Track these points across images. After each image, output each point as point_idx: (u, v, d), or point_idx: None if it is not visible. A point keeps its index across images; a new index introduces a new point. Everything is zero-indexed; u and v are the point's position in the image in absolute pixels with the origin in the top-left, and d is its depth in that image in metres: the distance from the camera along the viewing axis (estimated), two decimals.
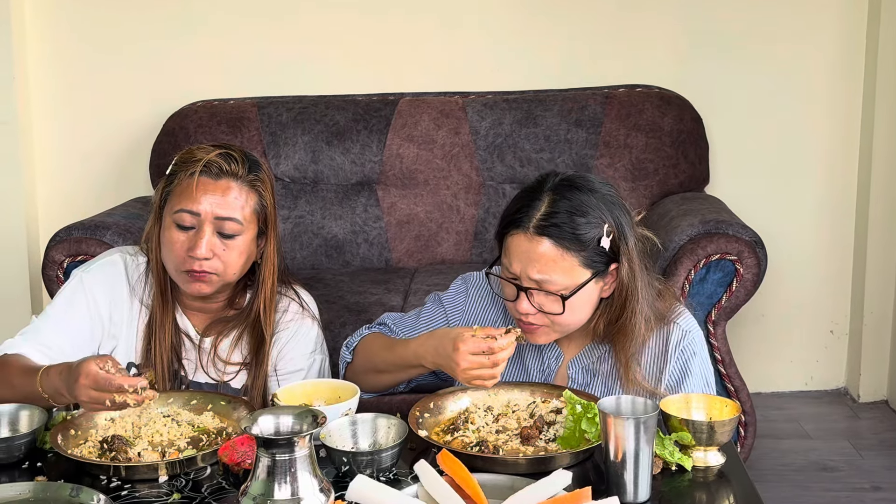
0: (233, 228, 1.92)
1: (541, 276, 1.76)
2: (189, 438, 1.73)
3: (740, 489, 1.58)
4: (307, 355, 2.06)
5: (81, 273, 2.04)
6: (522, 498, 1.45)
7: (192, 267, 1.91)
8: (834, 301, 3.69)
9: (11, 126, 3.49)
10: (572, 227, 1.75)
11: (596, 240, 1.76)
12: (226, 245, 1.93)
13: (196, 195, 1.91)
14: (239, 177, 1.94)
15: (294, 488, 1.39)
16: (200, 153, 1.94)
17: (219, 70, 3.58)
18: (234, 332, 2.03)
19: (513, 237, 1.80)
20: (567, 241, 1.75)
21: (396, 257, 3.38)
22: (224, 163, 1.93)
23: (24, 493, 1.54)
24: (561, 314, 1.78)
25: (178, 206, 1.92)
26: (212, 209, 1.91)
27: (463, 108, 3.42)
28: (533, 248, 1.76)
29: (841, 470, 3.10)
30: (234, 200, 1.92)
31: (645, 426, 1.50)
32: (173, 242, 1.93)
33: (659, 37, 3.56)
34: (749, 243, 2.76)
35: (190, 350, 2.04)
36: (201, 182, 1.91)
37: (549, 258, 1.76)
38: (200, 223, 1.91)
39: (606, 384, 1.89)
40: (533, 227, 1.76)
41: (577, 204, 1.77)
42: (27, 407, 1.77)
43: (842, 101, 3.58)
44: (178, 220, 1.92)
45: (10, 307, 3.45)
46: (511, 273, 1.80)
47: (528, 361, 1.95)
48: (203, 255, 1.90)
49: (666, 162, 3.31)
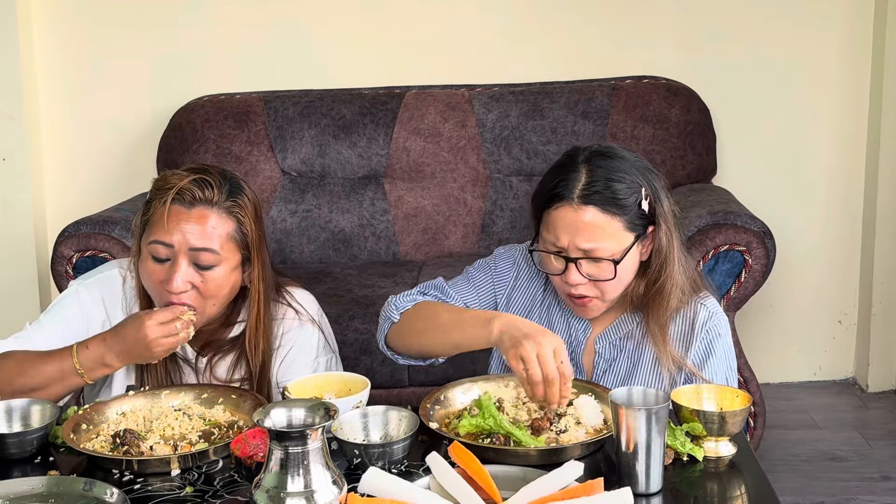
0: (209, 259, 1.84)
1: (590, 244, 1.79)
2: (200, 432, 1.73)
3: (751, 479, 1.58)
4: (310, 363, 2.01)
5: (78, 286, 2.00)
6: (534, 489, 1.45)
7: (171, 300, 1.84)
8: (842, 291, 3.69)
9: (19, 121, 3.50)
10: (612, 192, 1.79)
11: (636, 203, 1.81)
12: (203, 277, 1.84)
13: (168, 226, 1.82)
14: (214, 203, 1.85)
15: (307, 480, 1.40)
16: (174, 179, 1.85)
17: (225, 64, 3.58)
18: (229, 357, 1.99)
19: (556, 210, 1.82)
20: (611, 207, 1.79)
21: (404, 250, 3.38)
22: (198, 190, 1.84)
23: (37, 487, 1.55)
24: (613, 279, 1.81)
25: (151, 236, 1.84)
26: (185, 239, 1.82)
27: (469, 100, 3.42)
28: (579, 217, 1.79)
29: (850, 460, 3.10)
30: (210, 230, 1.84)
31: (656, 417, 1.50)
32: (150, 274, 1.85)
33: (666, 28, 3.55)
34: (757, 234, 2.76)
35: (189, 372, 1.99)
36: (174, 211, 1.83)
37: (597, 225, 1.79)
38: (175, 255, 1.83)
39: (632, 359, 1.91)
40: (577, 198, 1.80)
41: (613, 171, 1.81)
42: (39, 402, 1.78)
43: (849, 91, 3.57)
44: (152, 252, 1.84)
45: (18, 302, 3.47)
46: (557, 246, 1.82)
47: (557, 331, 1.95)
48: (179, 290, 1.82)
49: (673, 153, 3.30)
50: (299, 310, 2.02)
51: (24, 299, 3.49)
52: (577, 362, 1.94)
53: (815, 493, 2.90)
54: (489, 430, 1.66)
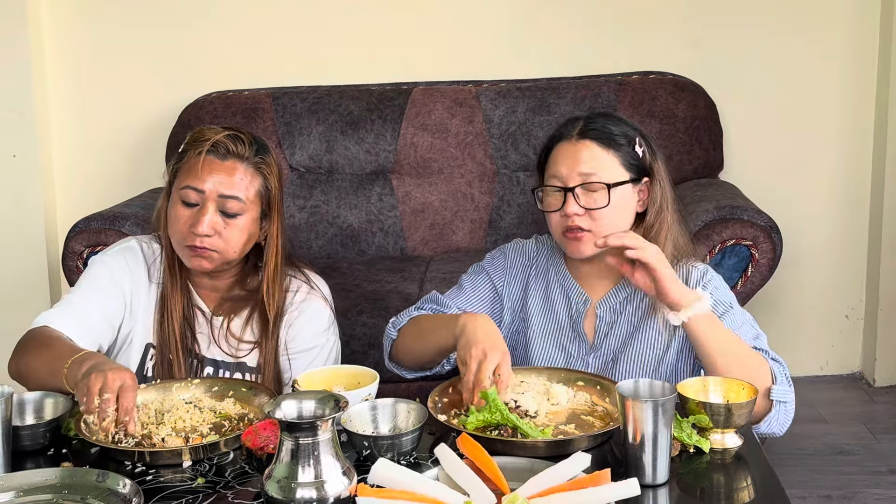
0: (235, 207, 1.98)
1: (587, 168, 1.93)
2: (211, 424, 1.75)
3: (758, 471, 1.59)
4: (318, 334, 2.10)
5: (102, 256, 2.10)
6: (542, 480, 1.46)
7: (194, 242, 1.96)
8: (849, 285, 3.69)
9: (29, 118, 3.52)
10: (609, 131, 1.97)
11: (630, 146, 1.97)
12: (227, 223, 1.98)
13: (202, 173, 1.97)
14: (245, 158, 2.00)
15: (318, 471, 1.41)
16: (210, 133, 2.00)
17: (233, 61, 3.60)
18: (244, 312, 2.08)
19: (557, 147, 1.99)
20: (606, 142, 1.96)
21: (411, 246, 3.39)
22: (231, 144, 1.99)
23: (50, 478, 1.56)
24: (606, 206, 1.91)
25: (184, 182, 1.98)
26: (216, 188, 1.97)
27: (476, 96, 3.43)
28: (578, 148, 1.96)
29: (857, 454, 3.10)
30: (238, 181, 1.98)
31: (663, 409, 1.51)
32: (178, 218, 1.99)
33: (672, 23, 3.55)
34: (764, 228, 2.77)
35: (203, 325, 2.08)
36: (207, 161, 1.98)
37: (594, 155, 1.95)
38: (204, 200, 1.97)
39: (632, 322, 1.99)
40: (577, 134, 1.97)
41: (609, 118, 2.01)
42: (51, 395, 1.80)
43: (856, 85, 3.57)
44: (183, 197, 1.98)
45: (29, 297, 3.49)
46: (557, 178, 1.95)
47: (556, 307, 2.04)
48: (204, 232, 1.95)
49: (680, 148, 3.31)
50: (312, 286, 2.12)
51: (35, 294, 3.51)
52: (579, 331, 2.02)
53: (821, 486, 2.90)
54: (496, 424, 1.67)
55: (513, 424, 1.65)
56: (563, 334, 2.03)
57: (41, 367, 1.85)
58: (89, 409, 1.64)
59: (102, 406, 1.64)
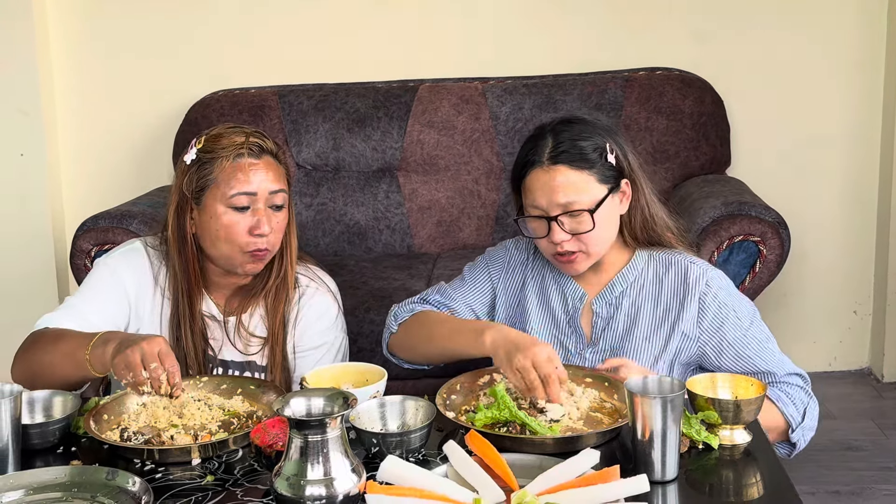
0: (282, 199, 2.02)
1: (566, 198, 1.90)
2: (220, 422, 1.75)
3: (766, 467, 1.59)
4: (326, 331, 2.11)
5: (106, 258, 2.10)
6: (551, 477, 1.46)
7: (258, 246, 1.98)
8: (857, 281, 3.68)
9: (36, 117, 3.52)
10: (579, 150, 1.92)
11: (602, 157, 1.93)
12: (277, 217, 2.01)
13: (248, 177, 1.97)
14: (273, 152, 2.04)
15: (327, 468, 1.41)
16: (234, 137, 2.00)
17: (240, 59, 3.60)
18: (253, 308, 2.08)
19: (531, 175, 1.94)
20: (579, 162, 1.91)
21: (418, 243, 3.39)
22: (260, 141, 2.02)
23: (60, 476, 1.57)
24: (592, 230, 1.91)
25: (231, 190, 1.97)
26: (265, 186, 1.99)
27: (483, 93, 3.43)
28: (552, 176, 1.91)
29: (865, 449, 3.10)
30: (277, 174, 2.02)
31: (672, 405, 1.51)
32: (233, 226, 1.97)
33: (678, 19, 3.54)
34: (772, 224, 2.76)
35: (215, 329, 2.08)
36: (247, 164, 1.99)
37: (569, 181, 1.91)
38: (255, 202, 1.98)
39: (629, 316, 1.99)
40: (547, 160, 1.92)
41: (577, 133, 1.94)
42: (61, 393, 1.80)
43: (864, 80, 3.56)
44: (234, 204, 1.97)
45: (36, 296, 3.50)
46: (538, 209, 1.93)
47: (553, 303, 2.05)
48: (266, 232, 1.97)
49: (687, 144, 3.30)
50: (320, 283, 2.13)
51: (43, 293, 3.52)
52: (576, 327, 2.02)
53: (830, 482, 2.90)
54: (505, 421, 1.67)
55: (521, 421, 1.65)
56: (560, 330, 2.04)
57: (58, 360, 1.85)
58: (140, 382, 1.69)
59: (154, 375, 1.70)
